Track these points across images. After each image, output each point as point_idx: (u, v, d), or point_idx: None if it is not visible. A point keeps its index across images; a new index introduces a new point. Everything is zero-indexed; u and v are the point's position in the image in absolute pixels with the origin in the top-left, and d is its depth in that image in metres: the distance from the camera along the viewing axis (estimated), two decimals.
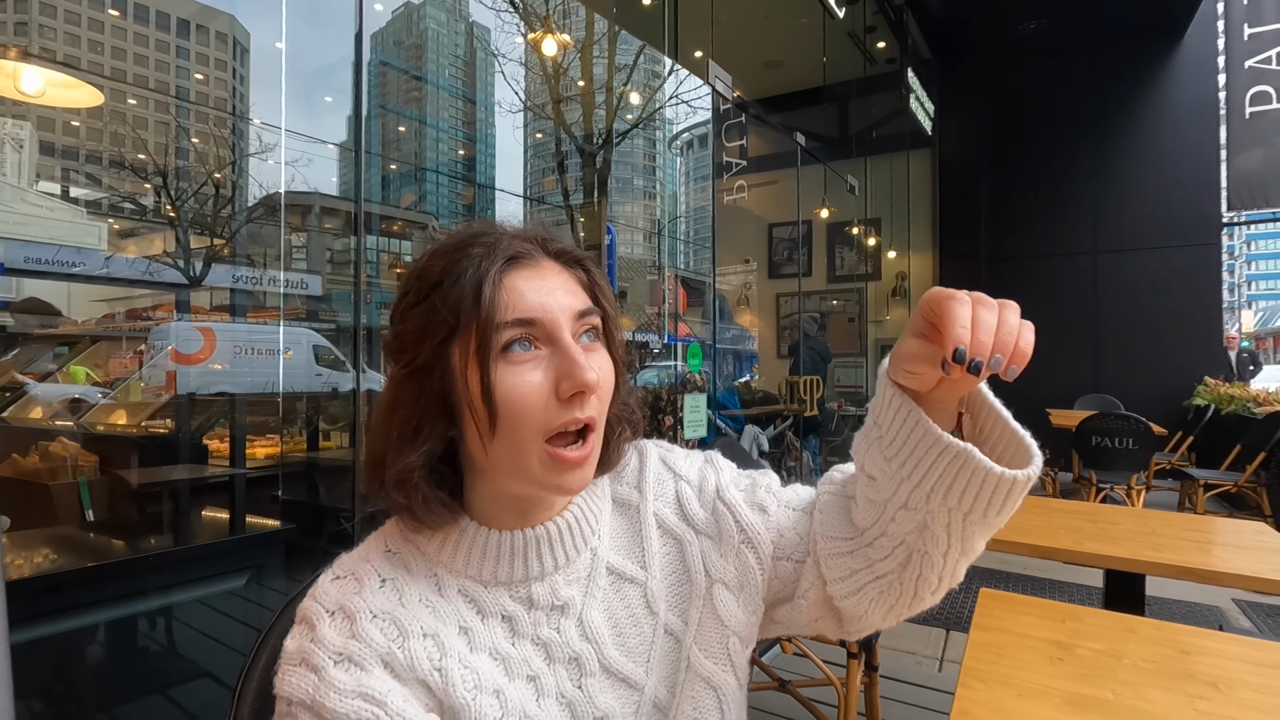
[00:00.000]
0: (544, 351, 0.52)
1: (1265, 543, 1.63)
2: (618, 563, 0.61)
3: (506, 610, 0.55)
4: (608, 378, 0.56)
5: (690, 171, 16.97)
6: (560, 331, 0.52)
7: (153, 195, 6.31)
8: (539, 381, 0.51)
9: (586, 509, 0.61)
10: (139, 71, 12.10)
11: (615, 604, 0.60)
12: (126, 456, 2.21)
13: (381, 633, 0.49)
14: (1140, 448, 4.19)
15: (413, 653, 0.49)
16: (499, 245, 0.53)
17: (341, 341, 3.74)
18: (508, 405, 0.50)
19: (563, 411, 0.51)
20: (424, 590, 0.54)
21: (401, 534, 0.57)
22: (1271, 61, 6.10)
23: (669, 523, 0.64)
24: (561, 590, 0.57)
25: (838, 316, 7.14)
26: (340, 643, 0.48)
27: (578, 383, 0.50)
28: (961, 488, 0.48)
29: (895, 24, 6.01)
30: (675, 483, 0.66)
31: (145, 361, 3.31)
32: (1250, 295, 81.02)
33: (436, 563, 0.55)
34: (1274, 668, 0.97)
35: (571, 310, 0.53)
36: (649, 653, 0.60)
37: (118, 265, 4.25)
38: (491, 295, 0.50)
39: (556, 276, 0.55)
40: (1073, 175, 6.91)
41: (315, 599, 0.52)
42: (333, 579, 0.54)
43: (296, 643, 0.50)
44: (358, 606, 0.50)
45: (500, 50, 8.45)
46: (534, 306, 0.51)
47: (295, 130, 4.75)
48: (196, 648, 1.92)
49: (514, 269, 0.53)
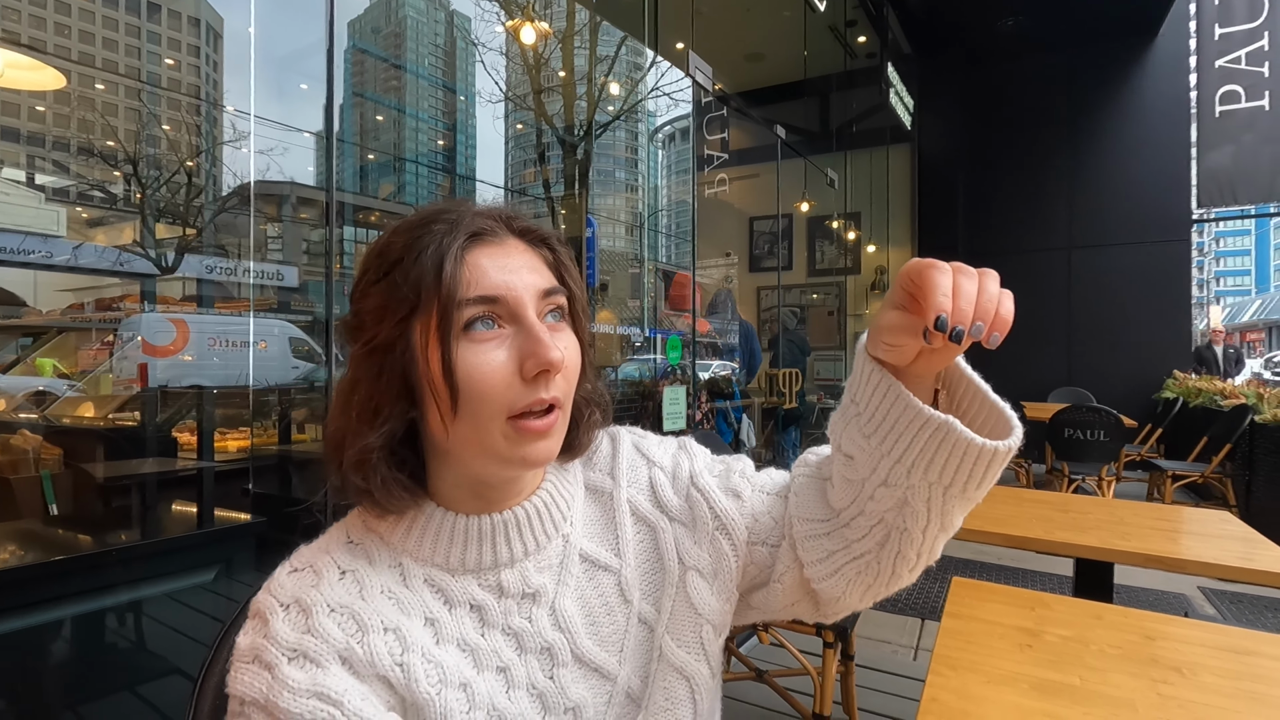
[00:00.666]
0: (508, 330, 0.51)
1: (1229, 531, 1.67)
2: (591, 550, 0.60)
3: (475, 599, 0.54)
4: (573, 358, 0.54)
5: (672, 164, 16.95)
6: (524, 309, 0.51)
7: (122, 183, 6.17)
8: (502, 360, 0.50)
9: (557, 494, 0.60)
10: (108, 56, 11.80)
11: (588, 592, 0.59)
12: (92, 450, 2.16)
13: (339, 627, 0.47)
14: (1111, 439, 4.28)
15: (372, 648, 0.48)
16: (462, 222, 0.51)
17: (317, 333, 3.69)
18: (470, 384, 0.49)
19: (526, 391, 0.50)
20: (387, 581, 0.52)
21: (364, 523, 0.55)
22: (1241, 61, 6.23)
23: (642, 509, 0.63)
24: (533, 577, 0.56)
25: (817, 310, 7.18)
26: (295, 638, 0.46)
27: (542, 361, 0.49)
28: (943, 461, 0.48)
29: (875, 18, 6.03)
30: (649, 469, 0.66)
31: (115, 353, 3.24)
32: (1218, 291, 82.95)
33: (401, 551, 0.54)
34: (1234, 652, 0.99)
35: (536, 288, 0.52)
36: (622, 642, 0.59)
37: (86, 254, 4.15)
38: (453, 271, 0.49)
39: (521, 254, 0.53)
40: (1048, 171, 7.01)
41: (270, 593, 0.50)
42: (290, 571, 0.52)
43: (249, 639, 0.48)
44: (314, 600, 0.48)
45: (480, 39, 8.35)
46: (497, 284, 0.50)
47: (269, 118, 4.66)
48: (165, 643, 1.88)
49: (477, 245, 0.52)
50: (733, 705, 2.18)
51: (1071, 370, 6.87)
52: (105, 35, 11.94)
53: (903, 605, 3.05)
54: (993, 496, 2.02)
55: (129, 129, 6.66)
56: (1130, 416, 4.91)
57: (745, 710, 2.17)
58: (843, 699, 1.98)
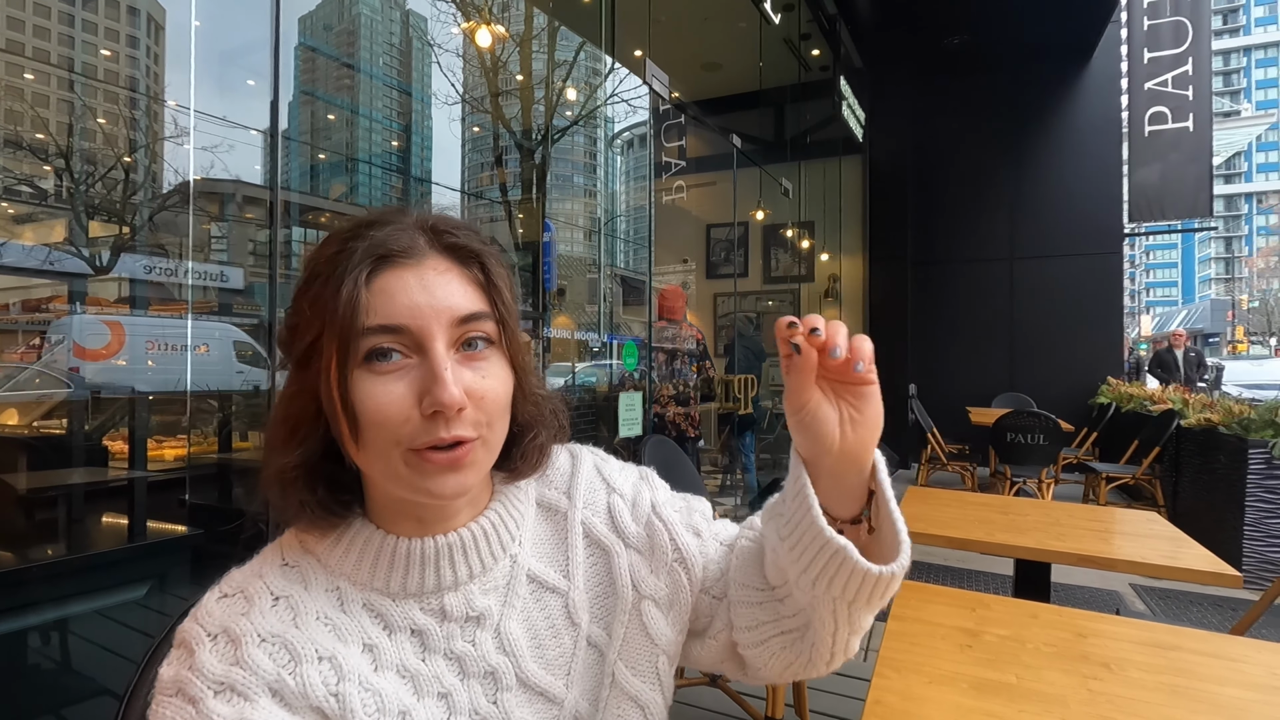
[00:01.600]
0: (413, 360, 0.48)
1: (1156, 531, 1.75)
2: (539, 570, 0.58)
3: (416, 624, 0.52)
4: (494, 389, 0.50)
5: (630, 170, 17.01)
6: (430, 340, 0.48)
7: (53, 178, 5.87)
8: (400, 394, 0.47)
9: (506, 513, 0.58)
10: (39, 44, 11.24)
11: (535, 614, 0.57)
12: (14, 459, 2.04)
13: (270, 658, 0.45)
14: (1050, 443, 4.45)
15: (305, 678, 0.45)
16: (375, 239, 0.48)
17: (262, 337, 3.58)
18: (365, 416, 0.46)
19: (425, 429, 0.47)
20: (323, 607, 0.50)
21: (300, 544, 0.53)
22: (1168, 84, 6.59)
23: (597, 532, 0.62)
24: (477, 600, 0.54)
25: (772, 317, 7.29)
26: (221, 670, 0.44)
27: (436, 401, 0.46)
28: (843, 580, 0.49)
29: (829, 33, 6.18)
30: (608, 494, 0.64)
31: (43, 356, 3.07)
32: (1149, 301, 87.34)
33: (339, 574, 0.51)
34: (1159, 648, 1.04)
35: (451, 315, 0.49)
36: (569, 665, 0.57)
37: (12, 252, 3.93)
38: (352, 298, 0.46)
39: (441, 275, 0.50)
40: (991, 185, 7.29)
41: (197, 621, 0.47)
42: (219, 598, 0.49)
43: (173, 670, 0.45)
44: (244, 630, 0.46)
45: (437, 40, 8.24)
46: (403, 311, 0.47)
47: (214, 114, 4.50)
48: (94, 663, 1.79)
49: (389, 269, 0.48)
50: (686, 710, 2.18)
51: (1013, 376, 7.13)
52: (36, 22, 11.36)
53: None
54: (938, 500, 2.08)
55: (61, 121, 6.35)
56: (1068, 421, 5.13)
57: (699, 715, 2.18)
58: (795, 702, 2.01)
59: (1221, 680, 0.93)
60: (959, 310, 7.40)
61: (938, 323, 7.44)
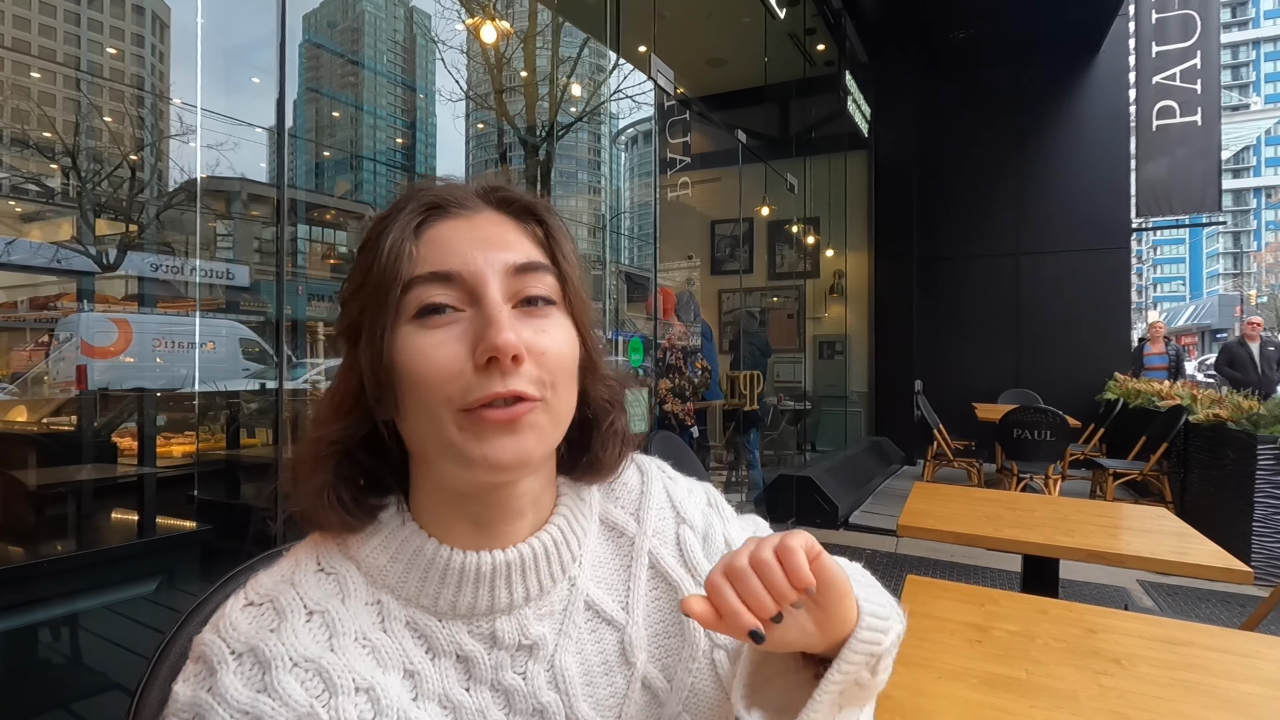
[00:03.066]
0: (466, 313, 0.44)
1: (1165, 527, 1.74)
2: (598, 598, 0.52)
3: (464, 649, 0.46)
4: (558, 346, 0.45)
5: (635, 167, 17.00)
6: (484, 287, 0.43)
7: (60, 176, 5.90)
8: (453, 346, 0.42)
9: (569, 528, 0.51)
10: (45, 43, 11.28)
11: (589, 647, 0.51)
12: (24, 456, 2.05)
13: (303, 687, 0.40)
14: (1057, 439, 4.44)
15: (340, 713, 0.40)
16: (426, 194, 0.46)
17: (269, 334, 3.59)
18: (412, 373, 0.42)
19: (480, 382, 0.42)
20: (363, 625, 0.44)
21: (339, 548, 0.47)
22: (1176, 78, 6.54)
23: (664, 564, 0.55)
24: (532, 627, 0.48)
25: (777, 313, 7.28)
26: (248, 699, 0.39)
27: (490, 346, 0.41)
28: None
29: (834, 27, 6.16)
30: (677, 524, 0.58)
31: (51, 354, 3.09)
32: (1156, 297, 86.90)
33: (381, 585, 0.46)
34: (1169, 643, 1.03)
35: (506, 263, 0.44)
36: (620, 707, 0.51)
37: (20, 250, 3.95)
38: (397, 246, 0.43)
39: (495, 227, 0.46)
40: (998, 180, 7.25)
41: (220, 633, 0.41)
42: (244, 605, 0.43)
43: (190, 691, 0.40)
44: (274, 652, 0.40)
45: (441, 37, 8.24)
46: (454, 258, 0.44)
47: (220, 112, 4.51)
48: (104, 658, 1.80)
49: (438, 219, 0.45)
50: None
51: (1020, 372, 7.11)
52: (42, 21, 11.42)
53: None
54: (945, 495, 2.07)
55: (68, 120, 6.37)
56: (1074, 417, 5.11)
57: None
58: None
59: (1233, 676, 0.93)
60: (965, 306, 7.37)
61: (944, 319, 7.41)
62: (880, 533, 4.39)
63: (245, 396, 3.12)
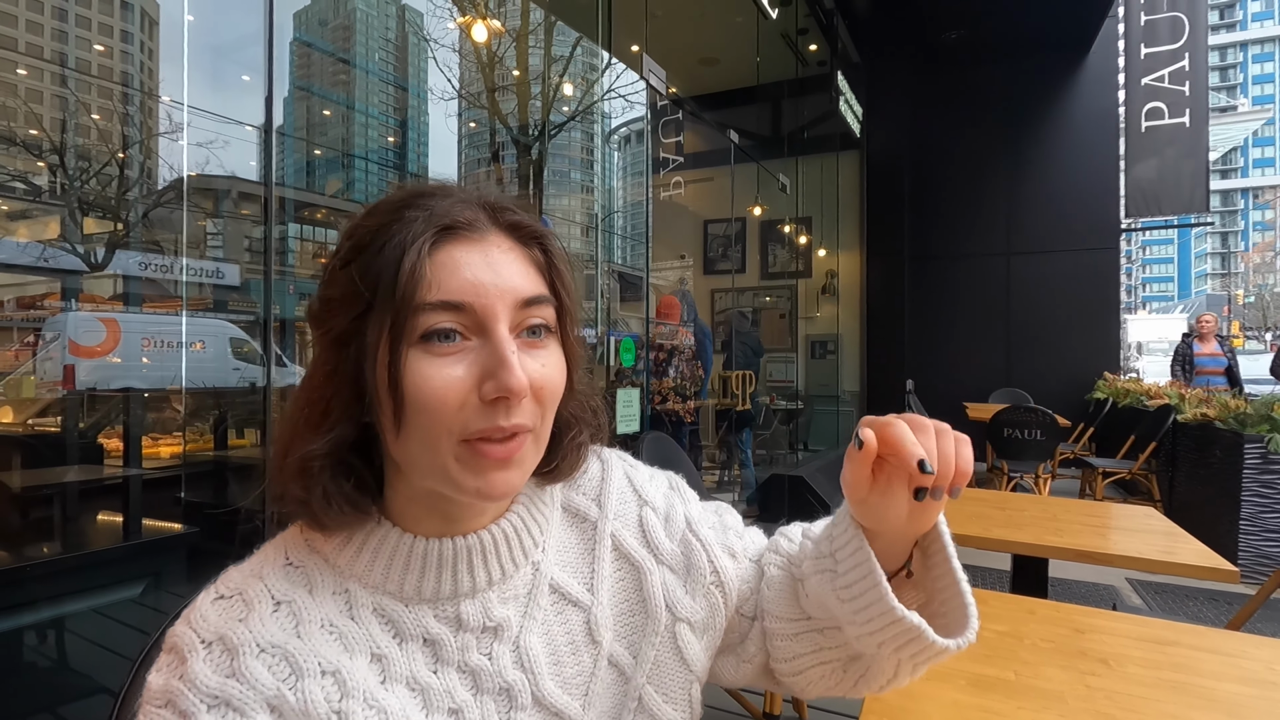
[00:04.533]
0: (473, 343, 0.45)
1: (1153, 526, 1.75)
2: (562, 581, 0.54)
3: (430, 633, 0.48)
4: (553, 379, 0.48)
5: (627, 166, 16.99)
6: (494, 321, 0.44)
7: (47, 174, 5.84)
8: (459, 377, 0.43)
9: (530, 516, 0.54)
10: (31, 39, 11.17)
11: (555, 628, 0.53)
12: (8, 457, 2.03)
13: (270, 671, 0.41)
14: (1047, 438, 4.46)
15: (307, 694, 0.42)
16: (437, 210, 0.45)
17: (259, 333, 3.56)
18: (418, 400, 0.43)
19: (483, 414, 0.44)
20: (329, 613, 0.46)
21: (306, 542, 0.48)
22: (1165, 80, 6.59)
23: (627, 546, 0.58)
24: (495, 610, 0.50)
25: (770, 312, 7.29)
26: (216, 683, 0.40)
27: (501, 386, 0.43)
28: (911, 651, 0.48)
29: (826, 27, 6.17)
30: (640, 506, 0.60)
31: (38, 353, 3.06)
32: (1145, 297, 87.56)
33: (348, 576, 0.47)
34: (1157, 643, 1.04)
35: (515, 296, 0.45)
36: (588, 685, 0.53)
37: (6, 249, 3.91)
38: (413, 271, 0.43)
39: (504, 253, 0.47)
40: (988, 180, 7.29)
41: (190, 625, 0.43)
42: (214, 599, 0.45)
43: (163, 679, 0.41)
44: (242, 639, 0.42)
45: (433, 35, 8.21)
46: (466, 287, 0.44)
47: (209, 110, 4.48)
48: (90, 661, 1.79)
49: (449, 241, 0.45)
50: None
51: (1010, 371, 7.15)
52: (29, 18, 11.30)
53: None
54: None
55: (55, 117, 6.31)
56: (1064, 416, 5.14)
57: None
58: (792, 698, 2.01)
59: (1219, 675, 0.94)
60: (956, 306, 7.41)
61: (935, 318, 7.44)
62: None
63: (234, 396, 3.10)
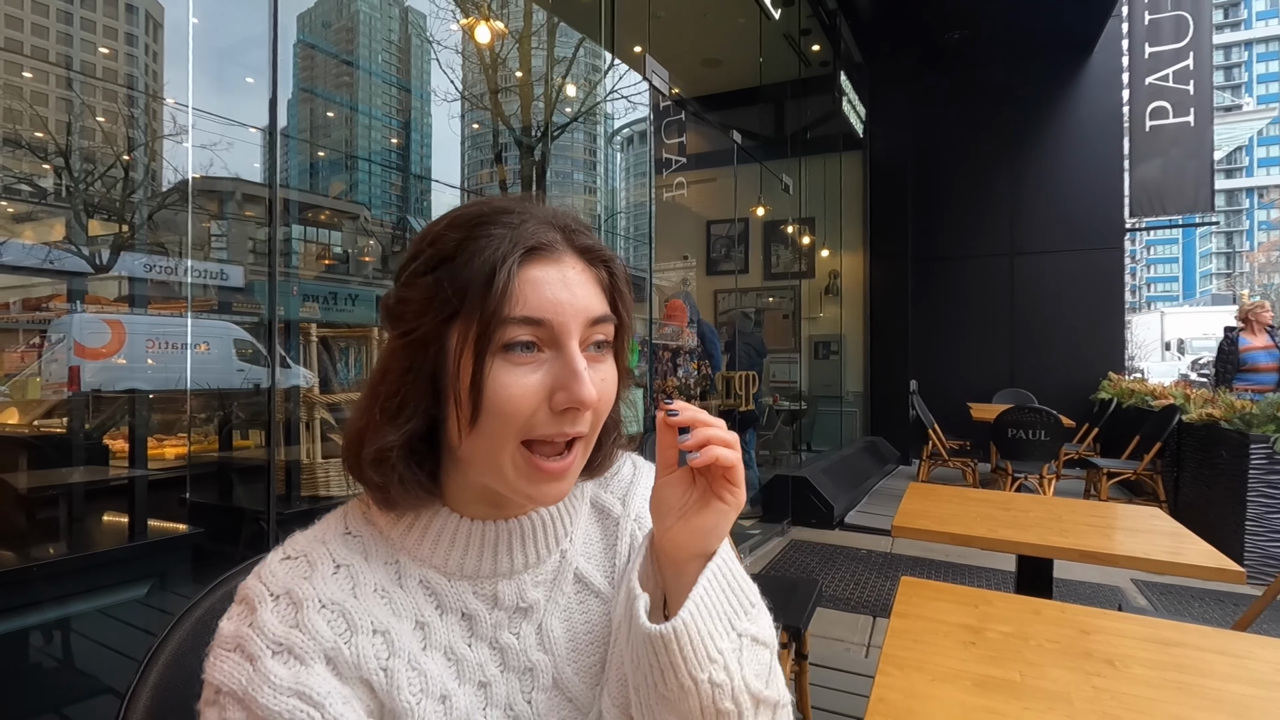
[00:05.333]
0: (546, 355, 0.49)
1: (1158, 526, 1.75)
2: (586, 570, 0.58)
3: (468, 607, 0.52)
4: (609, 391, 0.52)
5: (630, 167, 17.01)
6: (568, 337, 0.48)
7: (53, 177, 5.87)
8: (534, 386, 0.48)
9: (563, 507, 0.58)
10: (37, 43, 11.21)
11: (576, 615, 0.57)
12: (14, 459, 2.03)
13: (329, 625, 0.46)
14: (1051, 439, 4.45)
15: (360, 650, 0.46)
16: (523, 229, 0.49)
17: (263, 334, 3.57)
18: (494, 404, 0.47)
19: (551, 422, 0.48)
20: (381, 579, 0.50)
21: (364, 515, 0.53)
22: (1169, 79, 6.57)
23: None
24: (529, 592, 0.54)
25: (773, 313, 7.29)
26: (282, 632, 0.45)
27: (574, 398, 0.47)
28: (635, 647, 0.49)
29: (829, 28, 6.16)
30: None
31: (44, 355, 3.07)
32: (1149, 297, 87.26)
33: (400, 548, 0.52)
34: (1162, 644, 1.04)
35: (586, 315, 0.50)
36: (601, 674, 0.56)
37: (12, 251, 3.93)
38: (503, 286, 0.46)
39: (578, 274, 0.51)
40: (991, 180, 7.27)
41: (260, 579, 0.48)
42: (282, 558, 0.50)
43: (233, 625, 0.46)
44: (306, 594, 0.46)
45: (436, 37, 8.22)
46: (546, 305, 0.48)
47: (213, 112, 4.49)
48: (95, 661, 1.79)
49: (533, 260, 0.49)
50: None
51: (1014, 372, 7.13)
52: (35, 20, 11.35)
53: (855, 604, 3.11)
54: (939, 496, 2.07)
55: (60, 119, 6.34)
56: (1069, 417, 5.12)
57: None
58: (797, 698, 2.01)
59: (1225, 676, 0.93)
60: (960, 306, 7.39)
61: (938, 318, 7.43)
62: (876, 533, 4.39)
63: (239, 397, 3.10)
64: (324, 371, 2.30)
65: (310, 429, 2.19)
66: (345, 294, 6.30)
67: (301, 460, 2.16)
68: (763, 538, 4.22)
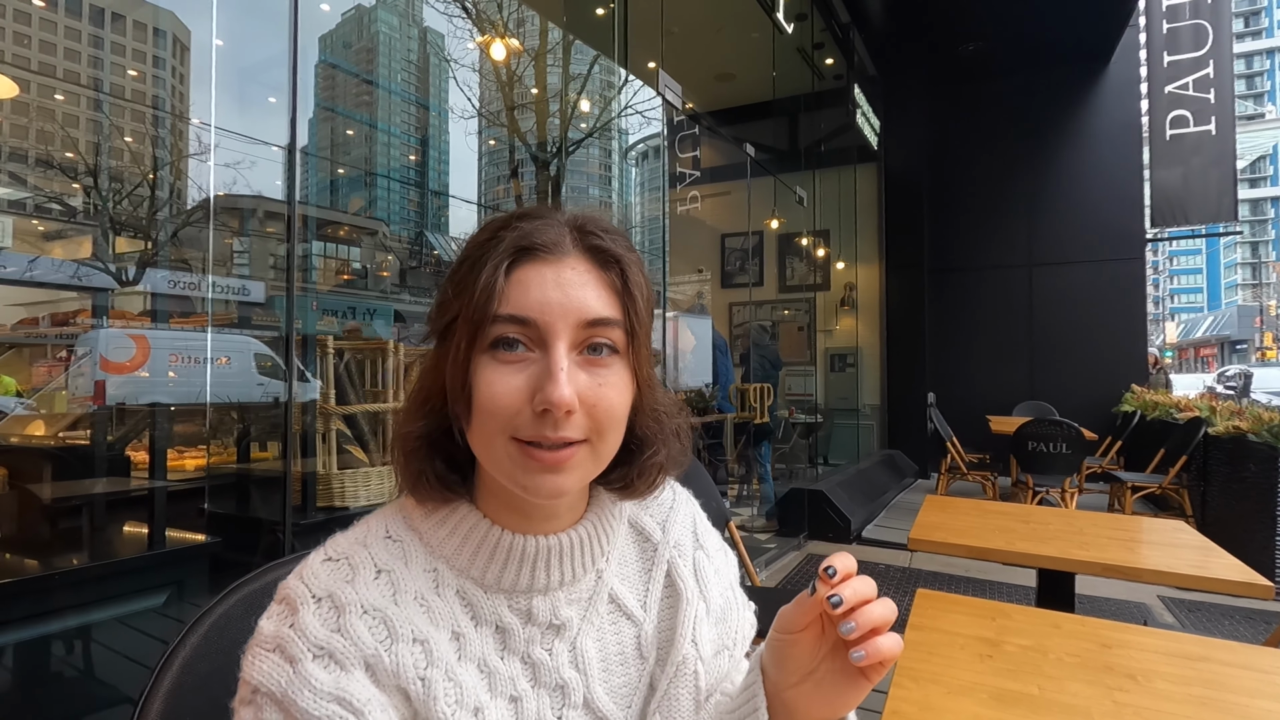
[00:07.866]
0: (534, 355, 0.48)
1: (1184, 540, 1.71)
2: (621, 593, 0.58)
3: (502, 621, 0.52)
4: (609, 397, 0.50)
5: (645, 182, 17.11)
6: (554, 338, 0.48)
7: (82, 196, 6.02)
8: (517, 385, 0.47)
9: (600, 527, 0.57)
10: (69, 66, 11.54)
11: (609, 636, 0.57)
12: (39, 469, 2.07)
13: (370, 631, 0.46)
14: (1073, 452, 4.37)
15: (399, 658, 0.46)
16: (522, 231, 0.50)
17: (283, 349, 3.61)
18: (480, 401, 0.48)
19: (534, 424, 0.47)
20: (420, 587, 0.50)
21: (405, 519, 0.53)
22: (1189, 87, 6.50)
23: (680, 574, 0.60)
24: (563, 609, 0.54)
25: (788, 325, 7.26)
26: (324, 636, 0.44)
27: (546, 399, 0.46)
28: None
29: (842, 41, 6.18)
30: (695, 548, 0.63)
31: (70, 369, 3.13)
32: (1172, 308, 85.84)
33: (438, 555, 0.52)
34: (1187, 659, 1.01)
35: (580, 315, 0.49)
36: (632, 698, 0.56)
37: (42, 268, 4.03)
38: (490, 285, 0.48)
39: (578, 275, 0.50)
40: (1009, 191, 7.21)
41: (303, 580, 0.48)
42: (324, 559, 0.49)
43: (274, 625, 0.46)
44: (349, 599, 0.46)
45: (453, 56, 8.36)
46: (533, 304, 0.48)
47: (236, 131, 4.60)
48: (113, 670, 1.81)
49: (529, 261, 0.49)
50: None
51: (1034, 384, 7.03)
52: (67, 45, 11.70)
53: None
54: (957, 508, 2.04)
55: (89, 140, 6.52)
56: (1090, 429, 5.03)
57: None
58: None
59: (1252, 693, 0.91)
60: (978, 318, 7.32)
61: (956, 330, 7.36)
62: (893, 547, 4.34)
63: (258, 410, 3.15)
64: (340, 384, 2.32)
65: (326, 441, 2.21)
66: (364, 308, 6.37)
67: (318, 471, 2.18)
68: (779, 551, 4.18)
